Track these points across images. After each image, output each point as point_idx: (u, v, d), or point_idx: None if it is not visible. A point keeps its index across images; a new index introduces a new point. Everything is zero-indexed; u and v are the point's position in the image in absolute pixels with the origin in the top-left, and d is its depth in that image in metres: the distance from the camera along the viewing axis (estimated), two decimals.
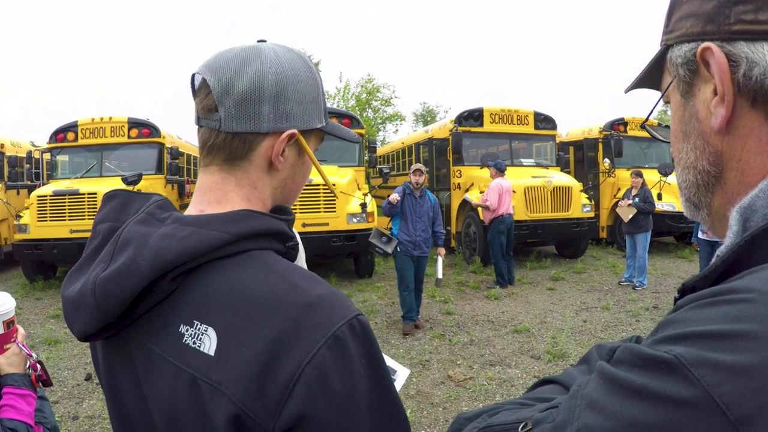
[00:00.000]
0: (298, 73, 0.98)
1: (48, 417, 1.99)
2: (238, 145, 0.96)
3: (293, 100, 0.97)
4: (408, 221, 7.98)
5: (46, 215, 11.07)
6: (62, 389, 6.05)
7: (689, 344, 0.53)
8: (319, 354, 0.77)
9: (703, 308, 0.56)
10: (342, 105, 31.86)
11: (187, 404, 0.82)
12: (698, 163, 0.73)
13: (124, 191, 1.03)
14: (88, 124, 12.87)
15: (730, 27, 0.66)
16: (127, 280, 0.83)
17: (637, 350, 0.57)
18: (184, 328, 0.84)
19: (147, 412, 0.89)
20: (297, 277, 0.86)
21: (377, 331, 8.04)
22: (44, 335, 7.96)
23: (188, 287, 0.86)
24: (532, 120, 14.36)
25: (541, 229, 12.37)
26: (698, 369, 0.50)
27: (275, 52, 0.97)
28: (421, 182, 8.04)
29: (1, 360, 1.91)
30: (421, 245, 7.97)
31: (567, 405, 0.63)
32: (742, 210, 0.65)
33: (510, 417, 0.82)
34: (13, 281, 12.59)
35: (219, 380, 0.78)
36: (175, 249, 0.84)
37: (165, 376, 0.85)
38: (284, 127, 0.96)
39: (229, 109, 0.93)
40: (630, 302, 9.38)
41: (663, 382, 0.52)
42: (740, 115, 0.67)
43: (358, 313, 0.84)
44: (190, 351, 0.82)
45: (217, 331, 0.81)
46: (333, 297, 0.84)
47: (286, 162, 1.01)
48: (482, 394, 5.69)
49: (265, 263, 0.88)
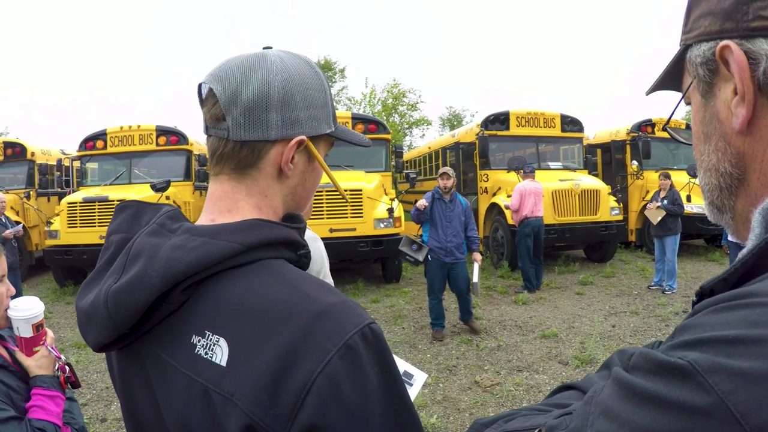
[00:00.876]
0: (305, 79, 0.98)
1: (76, 418, 2.01)
2: (247, 153, 0.96)
3: (301, 106, 0.96)
4: (438, 227, 7.76)
5: (76, 222, 11.25)
6: (91, 392, 6.13)
7: (704, 350, 0.52)
8: (330, 363, 0.76)
9: (720, 312, 0.55)
10: (368, 110, 31.98)
11: (199, 415, 0.81)
12: (720, 165, 0.72)
13: (135, 202, 1.03)
14: (117, 132, 13.09)
15: (749, 24, 0.65)
16: (139, 292, 0.83)
17: (651, 356, 0.56)
18: (196, 338, 0.84)
19: (162, 422, 0.89)
20: (308, 286, 0.85)
21: (404, 336, 8.02)
22: (74, 339, 8.08)
23: (200, 297, 0.86)
24: (558, 123, 14.25)
25: (569, 233, 12.26)
26: (713, 376, 0.49)
27: (281, 58, 0.97)
28: (450, 186, 7.80)
29: (31, 362, 1.94)
30: (453, 251, 7.71)
31: (581, 411, 0.62)
32: (764, 212, 0.63)
33: (525, 423, 0.81)
34: (44, 286, 12.84)
35: (231, 391, 0.78)
36: (186, 260, 0.84)
37: (178, 387, 0.85)
38: (293, 134, 0.96)
39: (237, 117, 0.93)
40: (659, 306, 9.23)
41: (676, 389, 0.51)
42: (762, 115, 0.66)
43: (370, 321, 0.83)
44: (202, 361, 0.82)
45: (228, 341, 0.81)
46: (344, 305, 0.83)
47: (296, 169, 1.00)
48: (509, 400, 5.63)
49: (277, 272, 0.88)
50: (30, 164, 14.56)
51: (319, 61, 34.35)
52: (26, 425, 1.78)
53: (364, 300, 10.27)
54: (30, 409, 1.85)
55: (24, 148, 14.60)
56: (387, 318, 9.00)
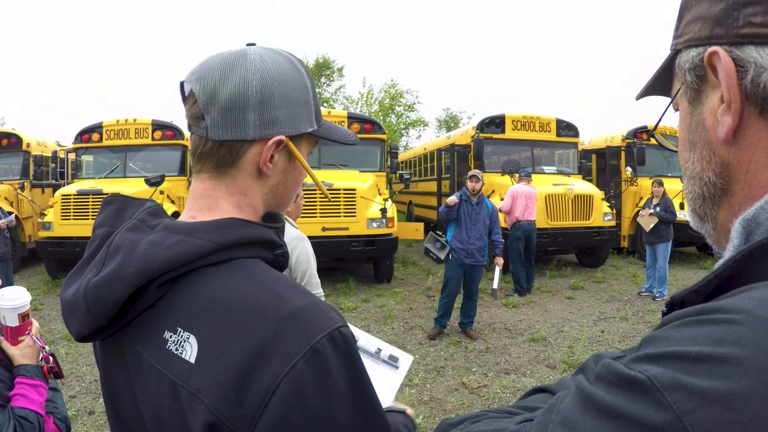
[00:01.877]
0: (285, 78, 0.97)
1: (59, 407, 2.03)
2: (226, 152, 0.96)
3: (279, 105, 0.96)
4: (462, 228, 7.75)
5: (70, 214, 11.25)
6: (80, 384, 6.13)
7: (666, 365, 0.51)
8: (296, 367, 0.77)
9: (686, 326, 0.53)
10: (365, 110, 31.96)
11: (169, 409, 0.83)
12: (704, 174, 0.70)
13: (121, 196, 1.04)
14: (113, 126, 13.07)
15: (739, 30, 0.63)
16: (115, 286, 0.85)
17: (613, 368, 0.55)
18: (168, 334, 0.85)
19: (139, 411, 0.91)
20: (281, 288, 0.86)
21: (394, 336, 8.04)
22: (64, 331, 8.02)
23: (174, 294, 0.87)
24: (554, 127, 14.27)
25: (561, 237, 12.27)
26: (672, 393, 0.48)
27: (261, 56, 0.97)
28: (478, 189, 7.82)
29: (15, 351, 1.95)
30: (474, 254, 7.72)
31: (541, 419, 0.62)
32: (745, 222, 0.61)
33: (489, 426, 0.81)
34: (35, 277, 12.79)
35: (198, 388, 0.79)
36: (162, 257, 0.85)
37: (152, 380, 0.86)
38: (271, 134, 0.96)
39: (215, 117, 0.94)
40: (649, 313, 9.27)
41: (634, 403, 0.50)
42: (748, 125, 0.64)
43: (340, 324, 0.83)
44: (172, 357, 0.84)
45: (198, 338, 0.82)
46: (315, 308, 0.84)
47: (276, 168, 1.00)
48: (495, 402, 5.66)
49: (250, 272, 0.89)
50: (25, 155, 14.50)
51: (318, 60, 34.25)
52: (9, 413, 1.80)
53: (355, 299, 10.27)
54: (13, 397, 1.86)
55: (20, 139, 14.54)
56: (377, 318, 9.01)
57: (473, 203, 7.82)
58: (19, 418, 1.81)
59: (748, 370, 0.46)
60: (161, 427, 0.85)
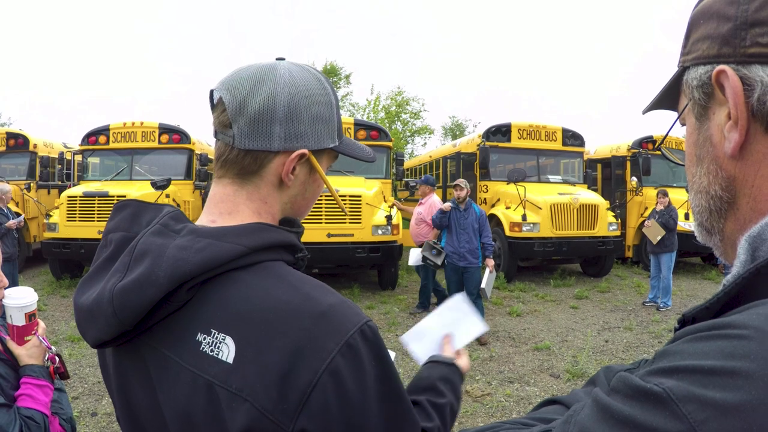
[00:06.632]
0: (312, 94, 1.01)
1: (64, 408, 2.03)
2: (250, 161, 1.00)
3: (305, 120, 1.00)
4: (453, 233, 8.43)
5: (76, 215, 11.27)
6: (83, 386, 6.14)
7: (680, 378, 0.53)
8: (333, 362, 0.82)
9: (698, 342, 0.56)
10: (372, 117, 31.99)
11: (203, 409, 0.85)
12: (711, 188, 0.72)
13: (134, 201, 1.06)
14: (120, 128, 13.12)
15: (746, 50, 0.65)
16: (146, 290, 0.86)
17: (629, 380, 0.57)
18: (201, 336, 0.87)
19: (158, 416, 0.92)
20: (309, 287, 0.90)
21: (398, 343, 8.01)
22: (68, 332, 8.08)
23: (204, 297, 0.89)
24: (560, 136, 14.28)
25: (566, 247, 12.25)
26: (686, 404, 0.51)
27: (290, 72, 1.00)
28: (462, 196, 8.45)
29: (22, 351, 1.96)
30: (466, 256, 8.30)
31: (560, 429, 0.64)
32: (751, 239, 0.64)
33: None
34: (40, 278, 12.83)
35: (239, 387, 0.82)
36: (193, 260, 0.87)
37: (182, 382, 0.88)
38: (295, 147, 1.00)
39: (242, 126, 0.97)
40: (653, 323, 9.24)
41: (651, 415, 0.52)
42: (754, 141, 0.66)
43: (367, 319, 0.89)
44: (207, 358, 0.86)
45: (235, 339, 0.85)
46: (344, 305, 0.89)
47: (297, 179, 1.04)
48: (499, 411, 5.64)
49: (278, 274, 0.92)
50: (32, 156, 14.56)
51: (325, 67, 34.31)
52: (15, 413, 1.80)
53: (360, 306, 10.11)
54: (19, 397, 1.87)
55: (26, 140, 14.61)
56: (381, 325, 8.99)
57: (461, 210, 8.50)
58: (25, 418, 1.81)
59: (758, 382, 0.49)
60: (191, 429, 0.87)
